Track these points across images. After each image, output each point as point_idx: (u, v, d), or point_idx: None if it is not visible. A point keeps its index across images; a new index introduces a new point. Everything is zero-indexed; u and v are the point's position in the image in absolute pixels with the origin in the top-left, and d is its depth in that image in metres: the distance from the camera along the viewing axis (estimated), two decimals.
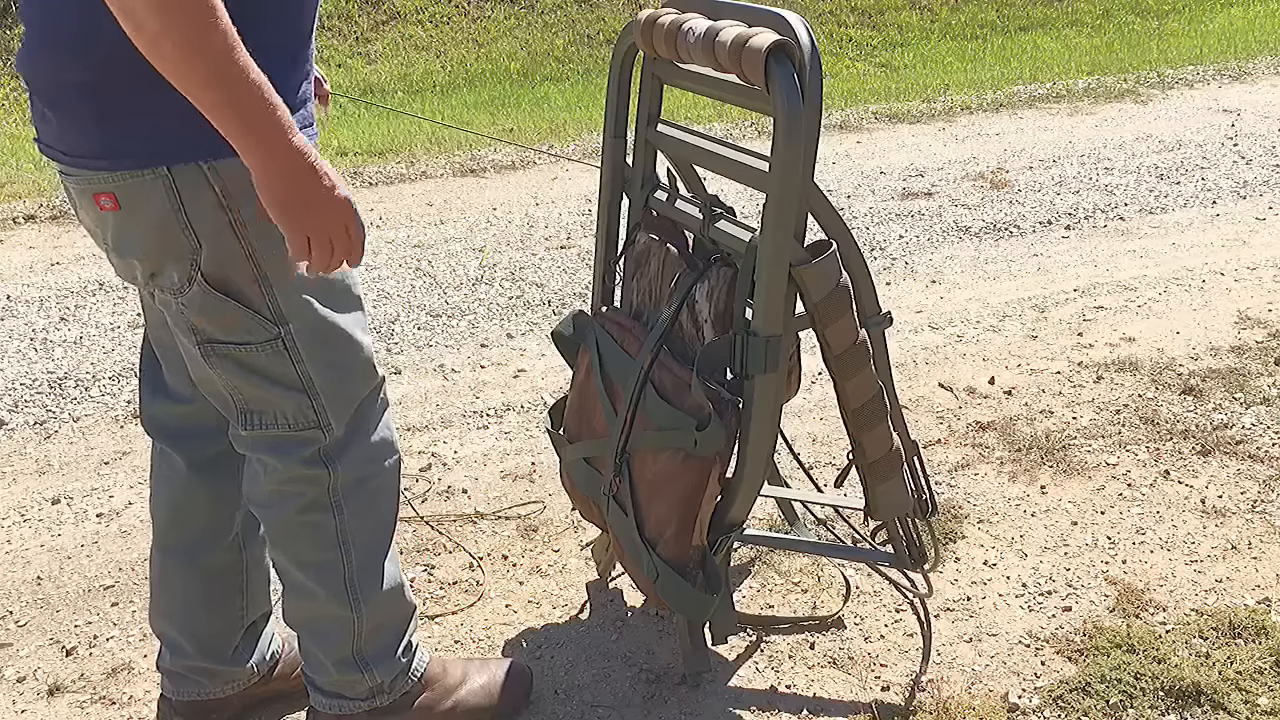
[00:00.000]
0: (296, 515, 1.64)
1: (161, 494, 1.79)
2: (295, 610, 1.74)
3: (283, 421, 1.59)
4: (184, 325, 1.53)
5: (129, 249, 1.48)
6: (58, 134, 1.43)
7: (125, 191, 1.41)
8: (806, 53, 1.58)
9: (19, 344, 3.53)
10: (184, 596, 1.80)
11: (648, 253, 1.98)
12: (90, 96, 1.38)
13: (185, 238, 1.44)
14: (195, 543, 1.78)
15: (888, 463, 1.90)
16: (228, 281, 1.48)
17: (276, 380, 1.56)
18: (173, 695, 1.87)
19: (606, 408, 1.94)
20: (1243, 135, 5.52)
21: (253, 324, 1.51)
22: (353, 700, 1.76)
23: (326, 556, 1.67)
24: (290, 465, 1.61)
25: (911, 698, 1.96)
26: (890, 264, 4.05)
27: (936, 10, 8.87)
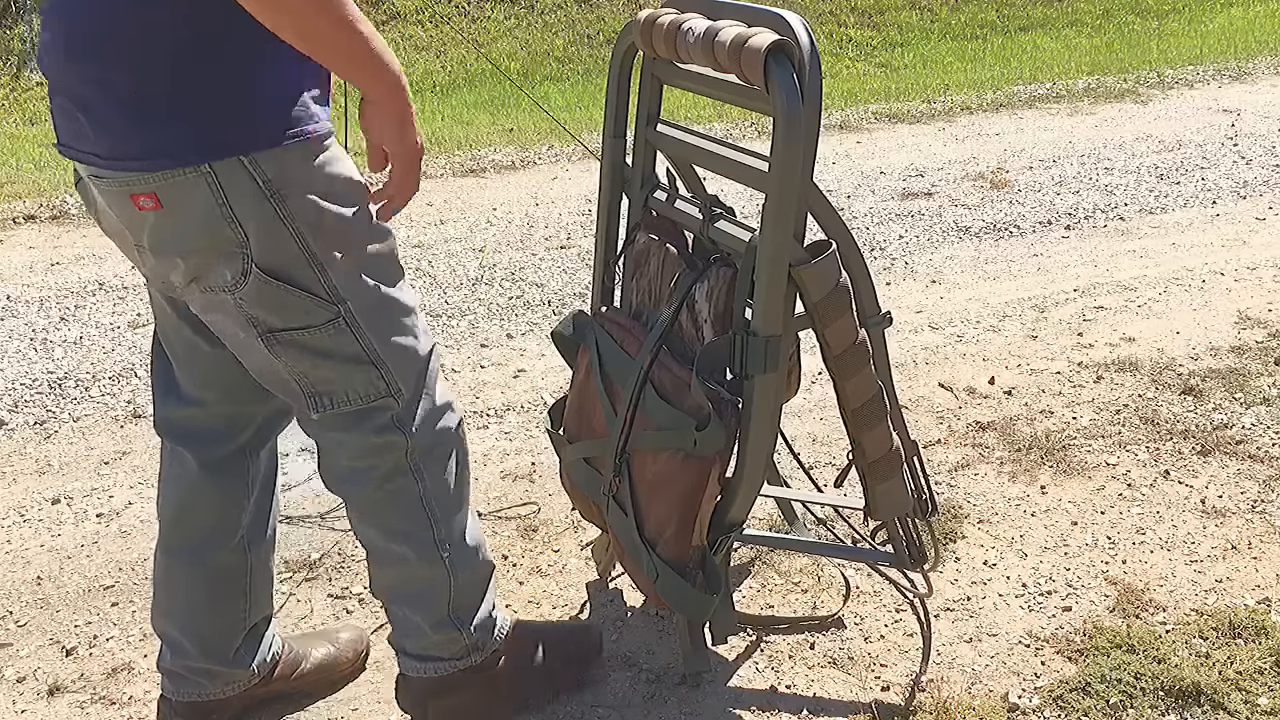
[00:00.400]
0: (379, 484, 1.68)
1: (170, 493, 1.80)
2: (387, 579, 1.78)
3: (354, 397, 1.62)
4: (241, 320, 1.55)
5: (170, 248, 1.49)
6: (90, 135, 1.44)
7: (167, 190, 1.43)
8: (806, 53, 1.58)
9: (19, 344, 3.53)
10: (187, 596, 1.82)
11: (647, 253, 1.98)
12: (129, 98, 1.40)
13: (232, 231, 1.46)
14: (201, 543, 1.80)
15: (887, 463, 1.90)
16: (282, 269, 1.51)
17: (343, 357, 1.59)
18: (173, 695, 1.88)
19: (606, 408, 1.94)
20: (1243, 135, 5.52)
21: (312, 307, 1.54)
22: (447, 660, 1.81)
23: (414, 521, 1.71)
24: (366, 436, 1.65)
25: (911, 698, 1.96)
26: (890, 264, 4.05)
27: (936, 10, 8.87)
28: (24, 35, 7.77)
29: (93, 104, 1.42)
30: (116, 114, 1.41)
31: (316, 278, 1.53)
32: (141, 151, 1.41)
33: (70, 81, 1.43)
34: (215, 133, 1.41)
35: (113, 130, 1.42)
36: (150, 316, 3.69)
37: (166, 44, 1.36)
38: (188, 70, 1.36)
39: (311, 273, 1.53)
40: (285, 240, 1.49)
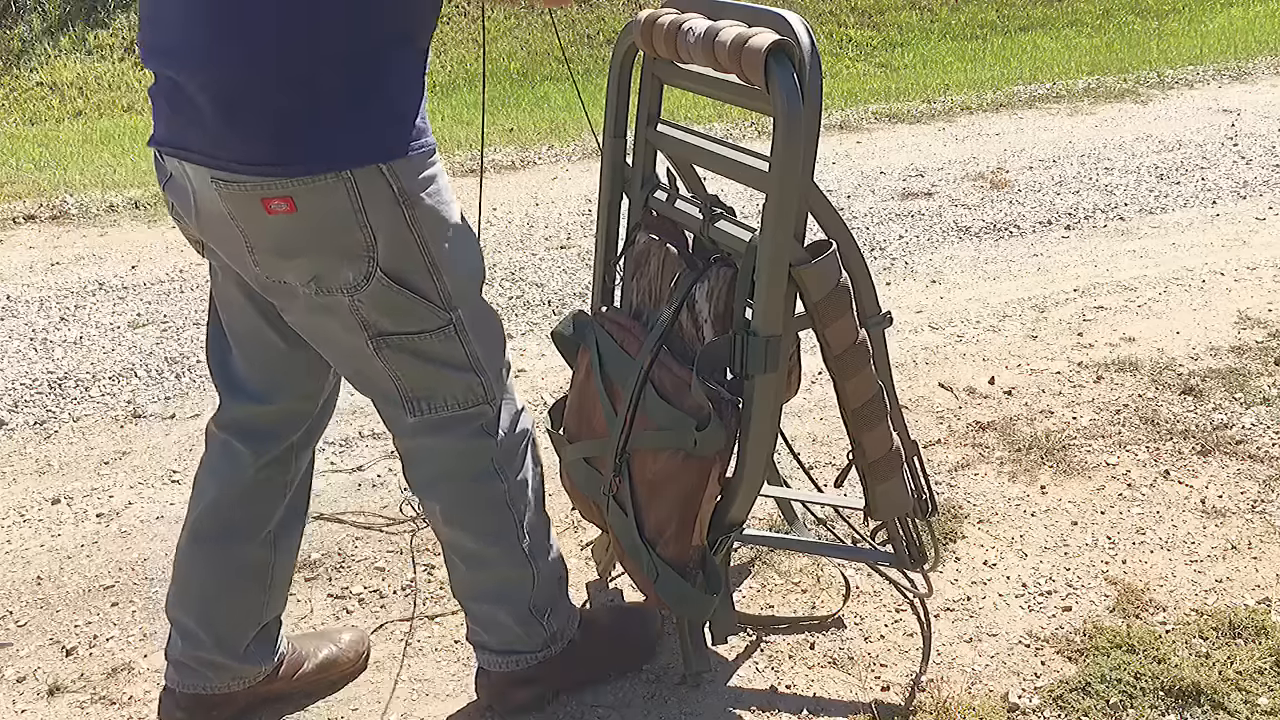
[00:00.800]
0: (469, 487, 1.75)
1: (211, 483, 1.82)
2: (472, 581, 1.84)
3: (452, 403, 1.70)
4: (352, 322, 1.60)
5: (296, 250, 1.54)
6: (222, 137, 1.47)
7: (304, 194, 1.48)
8: (806, 53, 1.58)
9: (19, 344, 3.53)
10: (209, 586, 1.84)
11: (647, 253, 1.98)
12: (283, 107, 1.45)
13: (363, 235, 1.53)
14: (231, 534, 1.83)
15: (887, 463, 1.90)
16: (403, 274, 1.58)
17: (448, 363, 1.66)
18: (177, 687, 1.89)
19: (606, 408, 1.94)
20: (1243, 135, 5.52)
21: (426, 313, 1.62)
22: (528, 654, 1.87)
23: (500, 521, 1.78)
24: (461, 441, 1.73)
25: (911, 698, 1.96)
26: (890, 264, 4.05)
27: (936, 10, 8.87)
28: (24, 35, 7.77)
29: (237, 108, 1.46)
30: (263, 119, 1.45)
31: (434, 285, 1.61)
32: (283, 157, 1.47)
33: (203, 78, 1.47)
34: (358, 141, 1.48)
35: (255, 135, 1.46)
36: (149, 317, 3.69)
37: (326, 57, 1.44)
38: (338, 83, 1.44)
39: (430, 280, 1.60)
40: (410, 246, 1.57)
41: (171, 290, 3.93)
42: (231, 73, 1.45)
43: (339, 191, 1.49)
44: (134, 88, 7.35)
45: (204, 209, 1.57)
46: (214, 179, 1.50)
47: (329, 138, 1.47)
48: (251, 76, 1.45)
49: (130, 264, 4.19)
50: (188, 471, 2.77)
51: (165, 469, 2.79)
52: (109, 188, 5.11)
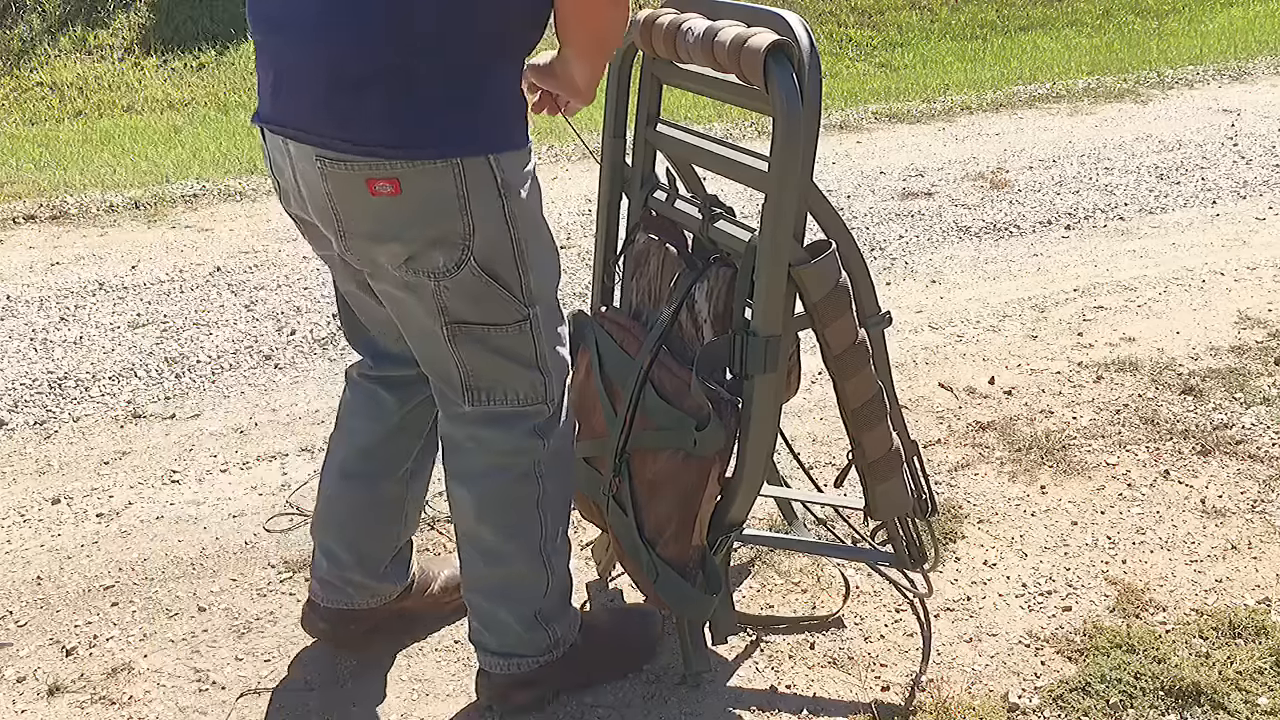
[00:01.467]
0: (510, 485, 1.78)
1: (359, 427, 1.94)
2: (485, 577, 1.86)
3: (512, 398, 1.73)
4: (432, 305, 1.63)
5: (394, 232, 1.56)
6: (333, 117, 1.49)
7: (411, 178, 1.51)
8: (805, 52, 1.58)
9: (19, 344, 3.53)
10: (353, 516, 1.97)
11: (647, 252, 1.98)
12: (396, 88, 1.47)
13: (463, 222, 1.56)
14: (377, 473, 1.95)
15: (887, 462, 1.90)
16: (493, 265, 1.61)
17: (517, 359, 1.70)
18: (321, 601, 2.04)
19: (606, 408, 1.94)
20: (1243, 135, 5.52)
21: (507, 306, 1.65)
22: (529, 658, 1.89)
23: (528, 523, 1.80)
24: (513, 437, 1.75)
25: (911, 698, 1.96)
26: (890, 264, 4.05)
27: (936, 10, 8.86)
28: (24, 35, 7.77)
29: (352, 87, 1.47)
30: (383, 102, 1.47)
31: (519, 279, 1.64)
32: (397, 140, 1.49)
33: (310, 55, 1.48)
34: (470, 130, 1.51)
35: (366, 115, 1.48)
36: (149, 317, 3.69)
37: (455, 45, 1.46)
38: (460, 72, 1.47)
39: (517, 273, 1.63)
40: (504, 238, 1.60)
41: (171, 290, 3.93)
42: (342, 50, 1.47)
43: (447, 177, 1.52)
44: (134, 88, 7.35)
45: (306, 187, 1.59)
46: (319, 157, 1.52)
47: (442, 123, 1.50)
48: (363, 55, 1.46)
49: (130, 264, 4.19)
50: (188, 471, 2.77)
51: (165, 469, 2.79)
52: (109, 188, 5.11)
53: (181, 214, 4.78)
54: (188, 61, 7.61)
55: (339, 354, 3.42)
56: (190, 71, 7.54)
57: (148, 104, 7.16)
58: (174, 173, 5.39)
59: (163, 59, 7.64)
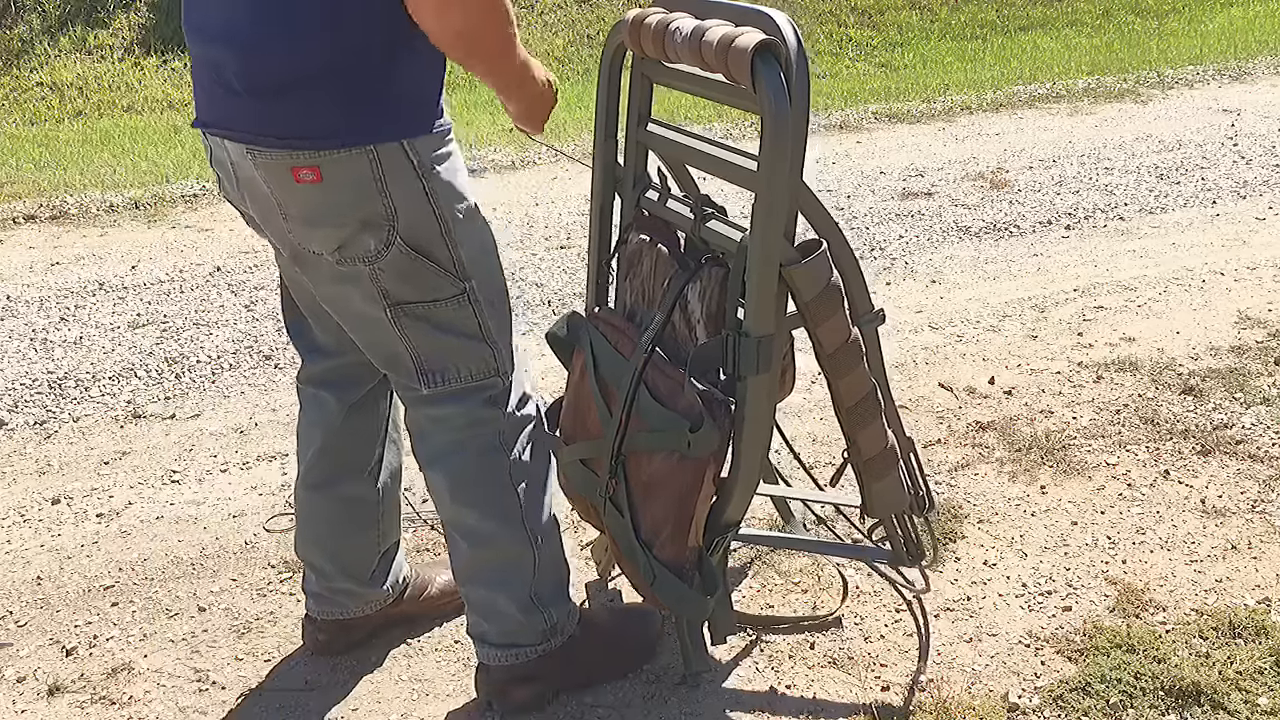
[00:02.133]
0: (474, 461, 1.81)
1: (312, 435, 1.98)
2: (474, 560, 1.88)
3: (465, 374, 1.78)
4: (372, 291, 1.69)
5: (323, 218, 1.63)
6: (255, 115, 1.58)
7: (329, 165, 1.58)
8: (793, 52, 1.57)
9: (19, 344, 3.53)
10: (328, 525, 2.01)
11: (640, 253, 1.98)
12: (314, 87, 1.55)
13: (384, 205, 1.62)
14: (337, 476, 1.98)
15: (882, 460, 1.89)
16: (422, 243, 1.67)
17: (462, 333, 1.75)
18: (317, 615, 2.07)
19: (601, 409, 1.94)
20: (1243, 135, 5.52)
21: (442, 282, 1.71)
22: (527, 647, 1.90)
23: (504, 497, 1.83)
24: (469, 410, 1.80)
25: (911, 698, 1.96)
26: (890, 264, 4.05)
27: (936, 10, 8.86)
28: (24, 35, 7.77)
29: (268, 86, 1.56)
30: (297, 100, 1.55)
31: (450, 254, 1.70)
32: (312, 131, 1.57)
33: (245, 63, 1.57)
34: (381, 118, 1.58)
35: (288, 113, 1.56)
36: (149, 317, 3.69)
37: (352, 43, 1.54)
38: (365, 65, 1.54)
39: (446, 249, 1.69)
40: (428, 216, 1.66)
41: (171, 290, 3.93)
42: (272, 58, 1.55)
43: (362, 163, 1.59)
44: (134, 88, 7.35)
45: (243, 180, 1.68)
46: (249, 150, 1.61)
47: (355, 116, 1.57)
48: (290, 62, 1.54)
49: (130, 264, 4.19)
50: (188, 471, 2.77)
51: (165, 469, 2.79)
52: (109, 188, 5.11)
53: (181, 214, 4.78)
54: (188, 61, 7.60)
55: None
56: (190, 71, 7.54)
57: (148, 104, 7.16)
58: (174, 173, 5.39)
59: (163, 59, 7.64)
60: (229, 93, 1.60)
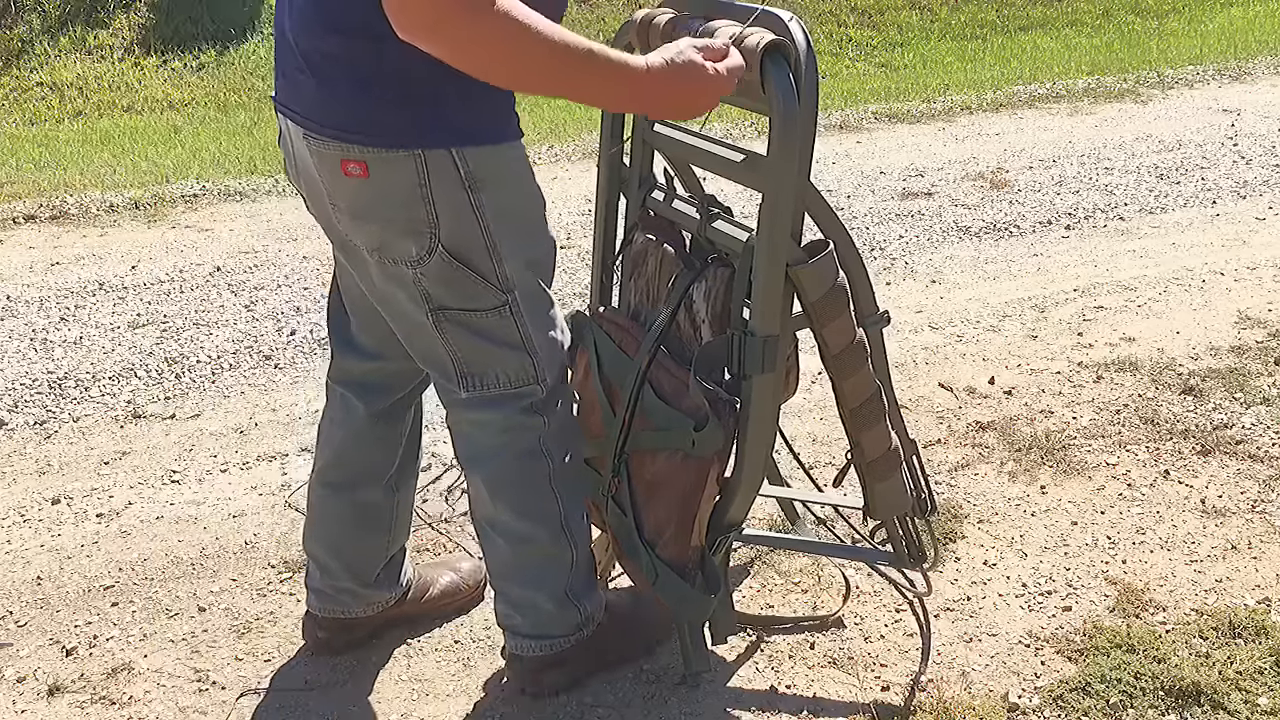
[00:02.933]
0: (514, 463, 1.81)
1: (334, 435, 1.98)
2: (513, 559, 1.88)
3: (503, 380, 1.77)
4: (415, 294, 1.69)
5: (366, 214, 1.63)
6: (315, 102, 1.59)
7: (377, 164, 1.58)
8: (802, 52, 1.58)
9: (19, 344, 3.53)
10: (338, 526, 2.01)
11: (645, 253, 1.98)
12: (365, 78, 1.54)
13: (426, 211, 1.61)
14: (355, 480, 1.98)
15: (886, 462, 1.90)
16: (464, 253, 1.65)
17: (502, 342, 1.74)
18: (318, 611, 2.07)
19: (605, 408, 1.94)
20: (1243, 135, 5.52)
21: (484, 291, 1.69)
22: (560, 638, 1.92)
23: (544, 500, 1.83)
24: (509, 416, 1.79)
25: (911, 698, 1.96)
26: (890, 264, 4.05)
27: (936, 10, 8.86)
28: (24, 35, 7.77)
29: (330, 76, 1.56)
30: (351, 90, 1.55)
31: (493, 266, 1.67)
32: (364, 126, 1.56)
33: (311, 50, 1.57)
34: (434, 124, 1.56)
35: (342, 103, 1.56)
36: (149, 317, 3.69)
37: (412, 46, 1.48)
38: (423, 68, 1.49)
39: (490, 262, 1.67)
40: (472, 228, 1.64)
41: (171, 290, 3.93)
42: (329, 45, 1.55)
43: (408, 167, 1.57)
44: (134, 88, 7.35)
45: (300, 164, 1.70)
46: (305, 136, 1.62)
47: (406, 117, 1.55)
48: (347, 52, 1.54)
49: (130, 264, 4.19)
50: (188, 471, 2.77)
51: (165, 469, 2.79)
52: (109, 188, 5.11)
53: (181, 214, 4.78)
54: (188, 61, 7.61)
55: None
56: (190, 71, 7.54)
57: (148, 104, 7.16)
58: (174, 173, 5.39)
59: (163, 59, 7.64)
60: (295, 74, 1.61)
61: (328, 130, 1.58)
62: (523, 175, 1.69)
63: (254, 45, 7.79)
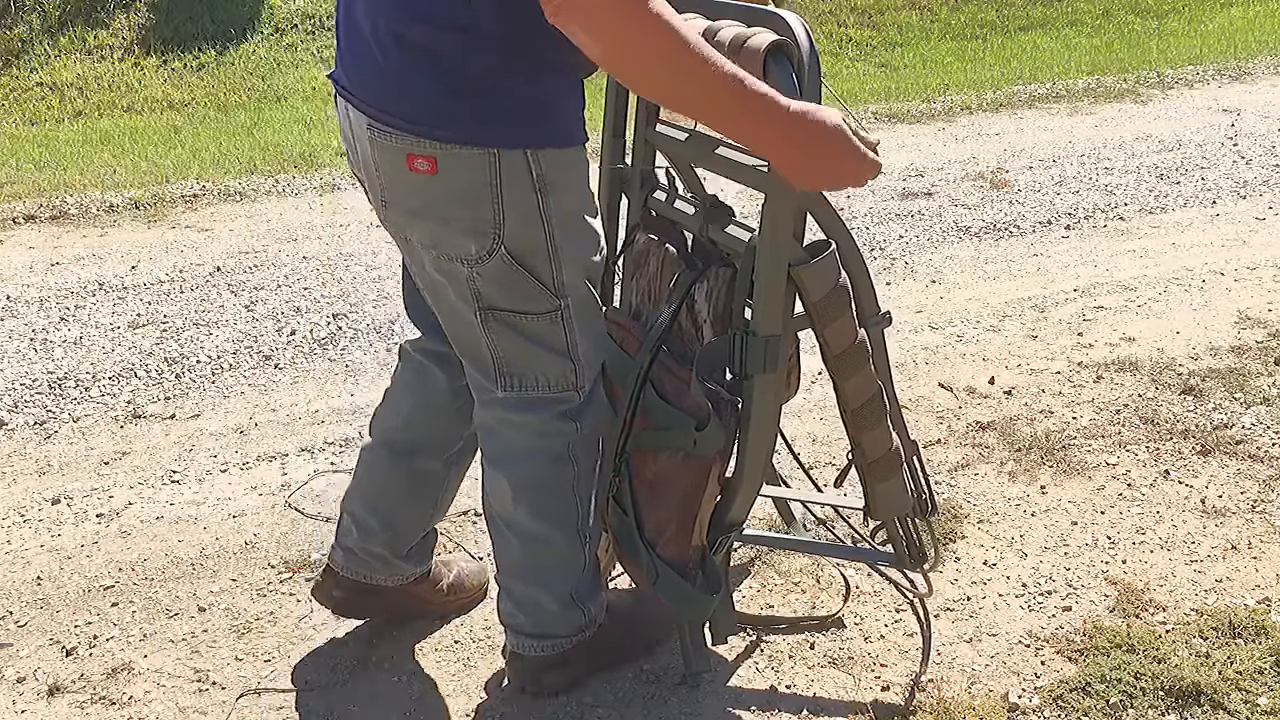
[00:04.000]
0: (543, 468, 1.81)
1: (403, 399, 1.97)
2: (524, 558, 1.87)
3: (542, 384, 1.75)
4: (466, 292, 1.67)
5: (426, 211, 1.61)
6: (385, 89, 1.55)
7: (447, 159, 1.55)
8: (805, 53, 1.58)
9: (19, 344, 3.53)
10: (390, 489, 1.99)
11: (647, 253, 1.98)
12: (445, 71, 1.51)
13: (494, 211, 1.58)
14: (418, 447, 1.97)
15: (887, 462, 1.90)
16: (525, 256, 1.64)
17: (548, 346, 1.72)
18: (341, 569, 2.05)
19: None
20: (1243, 135, 5.52)
21: (539, 295, 1.68)
22: (562, 638, 1.91)
23: (565, 504, 1.83)
24: (544, 420, 1.78)
25: (911, 698, 1.96)
26: (890, 264, 4.05)
27: (936, 10, 8.86)
28: (23, 35, 7.77)
29: (407, 65, 1.52)
30: (428, 82, 1.51)
31: (552, 273, 1.66)
32: (439, 120, 1.53)
33: (390, 37, 1.53)
34: (513, 124, 1.54)
35: (417, 94, 1.52)
36: (149, 317, 3.69)
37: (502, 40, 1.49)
38: (510, 66, 1.50)
39: (550, 267, 1.66)
40: (537, 232, 1.62)
41: (171, 290, 3.93)
42: (414, 34, 1.51)
43: (482, 165, 1.55)
44: (134, 88, 7.35)
45: (359, 152, 1.66)
46: (369, 126, 1.58)
47: (486, 114, 1.53)
48: (417, 32, 1.51)
49: (130, 264, 4.19)
50: (188, 471, 2.77)
51: (165, 469, 2.79)
52: (109, 188, 5.11)
53: (181, 214, 4.78)
54: (188, 61, 7.60)
55: (339, 354, 3.42)
56: (190, 71, 7.54)
57: (148, 104, 7.16)
58: (174, 173, 5.39)
59: (163, 59, 7.64)
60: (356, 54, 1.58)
61: (395, 120, 1.55)
62: (585, 180, 1.68)
63: (254, 45, 7.79)
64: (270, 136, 6.11)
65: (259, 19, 8.02)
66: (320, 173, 5.29)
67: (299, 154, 5.61)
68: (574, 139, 1.63)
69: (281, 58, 7.68)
